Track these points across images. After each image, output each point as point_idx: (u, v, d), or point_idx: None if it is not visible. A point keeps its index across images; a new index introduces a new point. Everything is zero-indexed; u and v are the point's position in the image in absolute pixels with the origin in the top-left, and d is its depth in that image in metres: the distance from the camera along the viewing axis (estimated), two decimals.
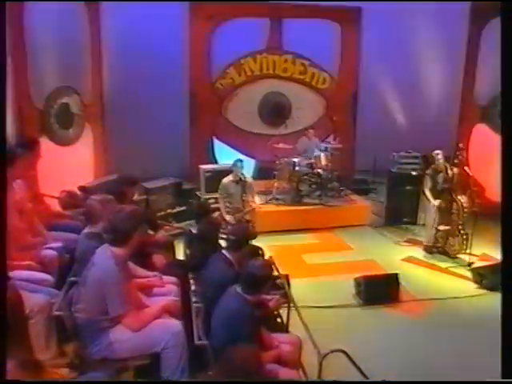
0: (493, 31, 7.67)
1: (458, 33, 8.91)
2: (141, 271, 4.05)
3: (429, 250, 7.00)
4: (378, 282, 5.60)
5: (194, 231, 4.73)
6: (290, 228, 7.67)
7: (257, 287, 3.30)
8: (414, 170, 8.12)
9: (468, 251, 6.67)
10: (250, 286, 3.27)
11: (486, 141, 8.40)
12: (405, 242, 7.53)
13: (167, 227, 6.11)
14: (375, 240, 7.62)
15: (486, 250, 6.99)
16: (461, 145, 6.71)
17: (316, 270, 6.32)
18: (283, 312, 4.16)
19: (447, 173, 6.59)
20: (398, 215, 8.17)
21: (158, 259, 4.48)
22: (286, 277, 5.02)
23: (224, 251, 3.87)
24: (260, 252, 5.14)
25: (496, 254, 6.71)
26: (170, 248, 5.16)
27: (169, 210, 7.24)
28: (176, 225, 6.64)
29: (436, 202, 6.54)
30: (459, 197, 6.61)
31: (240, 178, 6.48)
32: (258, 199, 7.51)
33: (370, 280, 5.55)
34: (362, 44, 9.63)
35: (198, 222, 4.80)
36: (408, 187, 8.09)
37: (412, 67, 9.41)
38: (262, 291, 3.37)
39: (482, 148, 8.33)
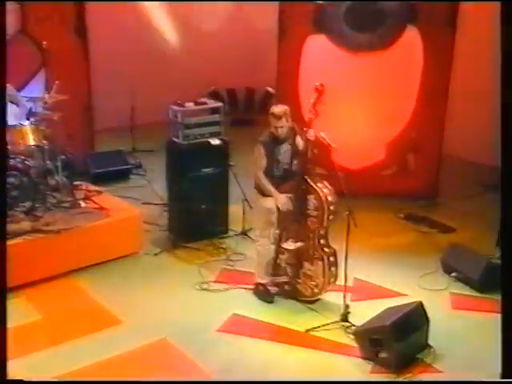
0: None
1: None
2: None
3: (265, 293, 6.19)
4: None
5: None
6: None
7: None
8: (214, 134, 7.41)
9: (339, 283, 5.86)
10: None
11: (327, 63, 8.27)
12: (216, 281, 6.57)
13: None
14: (162, 285, 6.51)
15: (357, 272, 6.22)
16: (318, 84, 5.88)
17: None
18: None
19: (294, 142, 6.01)
20: (195, 222, 7.39)
21: None
22: None
23: None
24: None
25: (378, 279, 6.34)
26: None
27: None
28: None
29: (280, 200, 5.95)
30: (319, 184, 5.90)
31: None
32: None
33: None
34: None
35: None
36: (206, 169, 7.47)
37: None
38: None
39: (319, 74, 7.77)
